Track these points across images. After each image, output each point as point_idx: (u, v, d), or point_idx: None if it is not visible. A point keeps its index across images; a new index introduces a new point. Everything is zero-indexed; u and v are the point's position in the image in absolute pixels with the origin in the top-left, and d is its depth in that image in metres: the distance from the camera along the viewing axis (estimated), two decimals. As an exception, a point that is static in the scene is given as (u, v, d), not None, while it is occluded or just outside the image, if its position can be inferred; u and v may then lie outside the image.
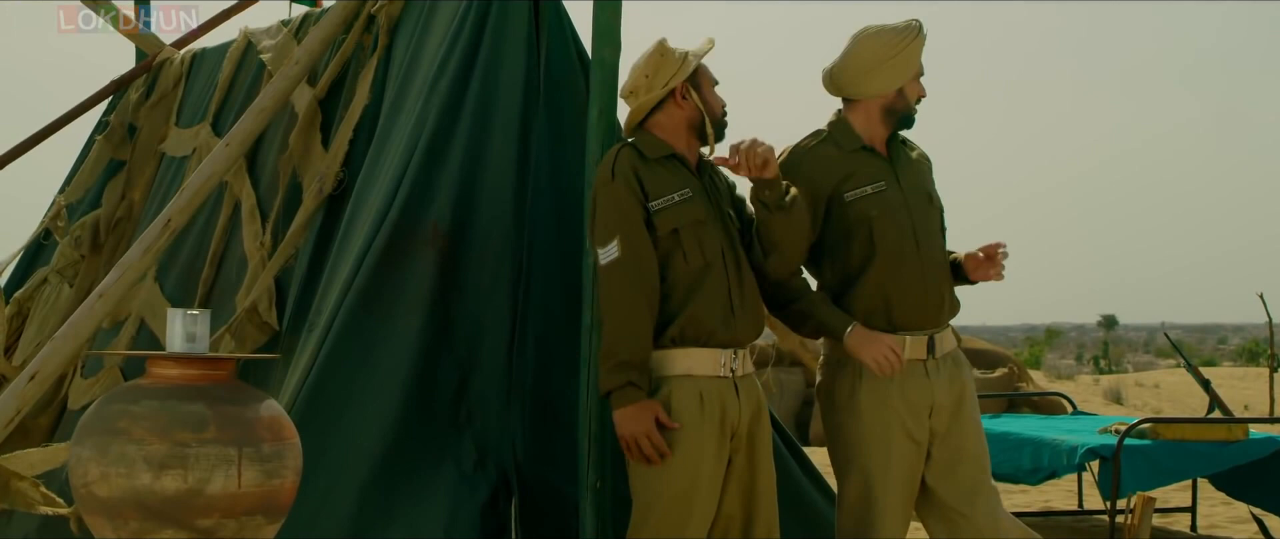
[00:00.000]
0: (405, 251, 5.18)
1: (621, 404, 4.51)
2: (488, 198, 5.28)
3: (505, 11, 5.43)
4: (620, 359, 4.52)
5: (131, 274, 5.56)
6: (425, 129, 5.31)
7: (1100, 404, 23.38)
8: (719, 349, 4.64)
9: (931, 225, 4.94)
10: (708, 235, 4.67)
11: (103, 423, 3.90)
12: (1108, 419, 8.47)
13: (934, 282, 4.89)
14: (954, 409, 4.88)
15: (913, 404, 4.83)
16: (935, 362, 4.87)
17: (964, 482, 4.84)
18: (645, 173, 4.66)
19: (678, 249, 4.63)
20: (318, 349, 5.09)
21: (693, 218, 4.66)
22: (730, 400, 4.64)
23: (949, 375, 4.89)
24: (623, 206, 4.62)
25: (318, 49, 6.04)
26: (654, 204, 4.63)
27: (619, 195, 4.63)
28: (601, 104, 5.06)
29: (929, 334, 4.87)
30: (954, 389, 4.89)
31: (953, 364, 4.92)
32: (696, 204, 4.69)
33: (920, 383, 4.84)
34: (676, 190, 4.67)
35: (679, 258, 4.63)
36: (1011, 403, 14.38)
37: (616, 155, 4.69)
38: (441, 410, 5.12)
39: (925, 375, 4.85)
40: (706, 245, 4.66)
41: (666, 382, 4.61)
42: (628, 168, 4.65)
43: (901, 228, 4.86)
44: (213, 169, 5.76)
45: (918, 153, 5.07)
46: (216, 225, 6.48)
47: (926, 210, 4.94)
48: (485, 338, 5.20)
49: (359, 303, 5.13)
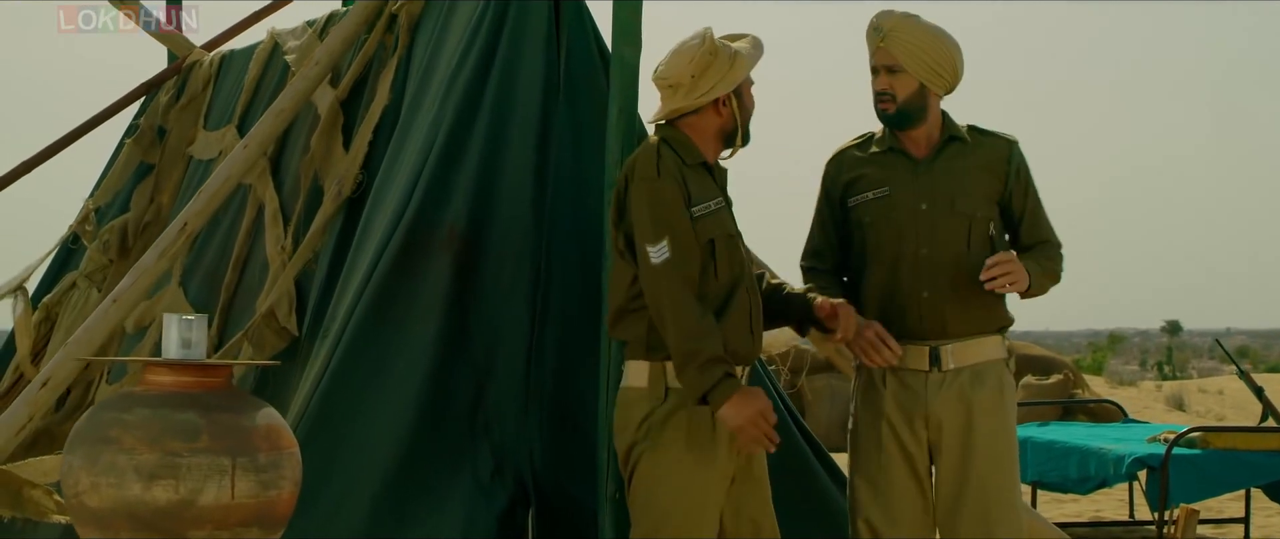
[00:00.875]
0: (420, 255, 5.05)
1: (723, 398, 4.30)
2: (506, 200, 5.13)
3: (525, 8, 5.29)
4: (708, 356, 4.28)
5: (147, 279, 5.46)
6: (441, 129, 5.18)
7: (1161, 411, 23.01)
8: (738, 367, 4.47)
9: (945, 235, 4.70)
10: (735, 251, 4.52)
11: (94, 431, 3.79)
12: (1158, 427, 8.26)
13: (937, 293, 4.68)
14: (963, 427, 4.67)
15: (906, 414, 4.70)
16: (941, 375, 4.68)
17: (968, 513, 4.65)
18: (687, 175, 4.48)
19: (711, 263, 4.45)
20: (329, 356, 4.96)
21: (726, 231, 4.50)
22: None
23: (958, 391, 4.67)
24: (672, 205, 4.40)
25: (338, 49, 5.93)
26: (696, 209, 4.44)
27: (668, 194, 4.41)
28: (622, 103, 4.91)
29: (931, 345, 4.69)
30: (962, 406, 4.67)
31: (970, 380, 4.68)
32: (727, 217, 4.54)
33: (915, 394, 4.69)
34: (712, 198, 4.51)
35: (710, 273, 4.44)
36: (1067, 410, 14.19)
37: (659, 152, 4.48)
38: (457, 418, 4.98)
39: (924, 387, 4.68)
40: (734, 261, 4.50)
41: (677, 393, 4.44)
42: (673, 166, 4.45)
43: (899, 235, 4.71)
44: (230, 171, 5.66)
45: (983, 155, 4.79)
46: (240, 229, 6.38)
47: (942, 219, 4.71)
48: (502, 344, 5.05)
49: (372, 308, 5.00)
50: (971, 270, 4.65)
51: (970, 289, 4.66)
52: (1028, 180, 4.85)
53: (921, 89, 4.72)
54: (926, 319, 4.69)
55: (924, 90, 4.73)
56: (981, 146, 4.81)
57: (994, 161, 4.80)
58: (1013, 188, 4.80)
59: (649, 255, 4.36)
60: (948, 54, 4.72)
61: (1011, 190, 4.80)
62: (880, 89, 4.74)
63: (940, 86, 4.75)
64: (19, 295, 7.25)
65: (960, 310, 4.70)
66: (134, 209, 7.46)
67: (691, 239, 4.39)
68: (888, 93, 4.72)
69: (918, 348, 4.70)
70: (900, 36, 4.69)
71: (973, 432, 4.65)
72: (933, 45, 4.70)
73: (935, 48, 4.71)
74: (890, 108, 4.74)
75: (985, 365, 4.73)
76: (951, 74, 4.75)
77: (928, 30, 4.71)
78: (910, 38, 4.69)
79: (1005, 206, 4.82)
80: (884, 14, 4.74)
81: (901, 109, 4.73)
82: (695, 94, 4.49)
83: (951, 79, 4.77)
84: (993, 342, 4.77)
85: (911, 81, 4.71)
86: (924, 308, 4.68)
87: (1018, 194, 4.82)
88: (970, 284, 4.65)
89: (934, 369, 4.68)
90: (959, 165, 4.77)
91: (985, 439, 4.66)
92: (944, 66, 4.72)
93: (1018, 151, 4.84)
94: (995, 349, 4.77)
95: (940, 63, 4.71)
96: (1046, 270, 4.77)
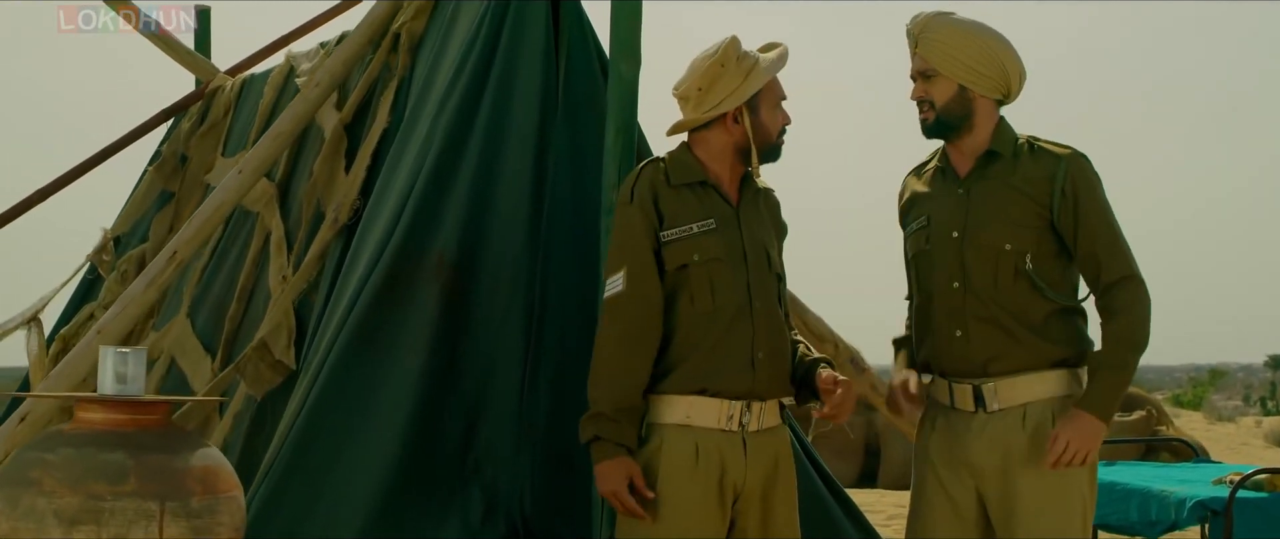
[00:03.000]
0: (407, 285, 4.75)
1: (598, 458, 4.08)
2: (499, 226, 4.82)
3: (521, 19, 4.98)
4: (596, 410, 4.08)
5: (134, 309, 5.21)
6: (432, 150, 4.88)
7: (1259, 449, 22.33)
8: (728, 400, 4.13)
9: (975, 267, 4.20)
10: (725, 276, 4.15)
11: (16, 472, 3.52)
12: (1226, 467, 7.77)
13: (979, 327, 4.19)
14: (1000, 474, 4.17)
15: (951, 459, 4.24)
16: (987, 416, 4.20)
17: None
18: (667, 197, 4.18)
19: (685, 289, 4.14)
20: (308, 390, 4.67)
21: (709, 254, 4.15)
22: (733, 458, 4.13)
23: (999, 435, 4.17)
24: (634, 234, 4.16)
25: (340, 70, 5.66)
26: (666, 233, 4.15)
27: (632, 221, 4.16)
28: (619, 123, 4.61)
29: (974, 383, 4.22)
30: (999, 451, 4.17)
31: (1015, 421, 4.17)
32: (717, 238, 4.17)
33: (957, 438, 4.23)
34: (698, 220, 4.17)
35: (685, 300, 4.13)
36: (1149, 448, 13.69)
37: (639, 174, 4.22)
38: (446, 459, 4.68)
39: (967, 430, 4.21)
40: (721, 288, 4.14)
41: (659, 430, 4.14)
42: (647, 190, 4.18)
43: (932, 265, 4.27)
44: (224, 197, 5.40)
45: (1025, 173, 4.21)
46: (247, 258, 6.13)
47: (970, 250, 4.21)
48: (495, 380, 4.74)
49: (355, 340, 4.70)
50: (1008, 307, 4.18)
51: (1010, 325, 4.18)
52: (1085, 202, 4.18)
53: (962, 93, 4.25)
54: (967, 356, 4.23)
55: (966, 94, 4.25)
56: (1027, 164, 4.26)
57: (1036, 181, 4.23)
58: (1060, 211, 4.20)
59: (606, 285, 4.16)
60: (988, 51, 4.24)
61: (1059, 214, 4.20)
62: (918, 97, 4.31)
63: (986, 88, 4.25)
64: (33, 327, 7.03)
65: (1000, 348, 4.19)
66: (153, 238, 7.25)
67: (651, 269, 4.12)
68: (925, 100, 4.29)
69: (962, 386, 4.25)
70: (931, 36, 4.25)
71: (1013, 480, 4.15)
72: (968, 42, 4.23)
73: (971, 44, 4.23)
74: (929, 116, 4.29)
75: (1036, 405, 4.18)
76: (998, 73, 4.25)
77: (962, 26, 4.24)
78: (941, 36, 4.24)
79: (1058, 229, 4.24)
80: (916, 16, 4.30)
81: (940, 117, 4.27)
82: (703, 108, 4.21)
83: (1000, 79, 4.26)
84: (1049, 378, 4.20)
85: (949, 85, 4.24)
86: (958, 348, 4.23)
87: (1067, 218, 4.20)
88: (1009, 320, 4.18)
89: (979, 410, 4.22)
90: (995, 187, 4.25)
91: (1030, 491, 4.14)
92: (985, 64, 4.23)
93: (1069, 169, 4.21)
94: (1052, 385, 4.20)
95: (980, 61, 4.23)
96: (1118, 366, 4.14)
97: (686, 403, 4.13)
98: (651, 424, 4.16)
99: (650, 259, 4.13)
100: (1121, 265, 4.19)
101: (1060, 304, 4.21)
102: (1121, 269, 4.18)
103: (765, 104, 4.23)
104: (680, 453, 4.10)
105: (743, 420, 4.15)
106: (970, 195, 4.26)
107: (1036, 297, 4.19)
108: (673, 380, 4.13)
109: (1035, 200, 4.21)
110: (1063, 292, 4.24)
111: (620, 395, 4.08)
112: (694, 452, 4.11)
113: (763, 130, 4.23)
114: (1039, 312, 4.19)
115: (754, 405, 4.18)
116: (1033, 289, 4.19)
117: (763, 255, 4.26)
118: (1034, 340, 4.18)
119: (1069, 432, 4.08)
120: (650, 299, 4.12)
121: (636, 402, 4.12)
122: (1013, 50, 4.28)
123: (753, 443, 4.17)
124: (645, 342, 4.11)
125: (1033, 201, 4.21)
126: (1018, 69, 4.29)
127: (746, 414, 4.16)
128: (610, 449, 4.07)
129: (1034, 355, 4.19)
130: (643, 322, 4.11)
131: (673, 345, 4.14)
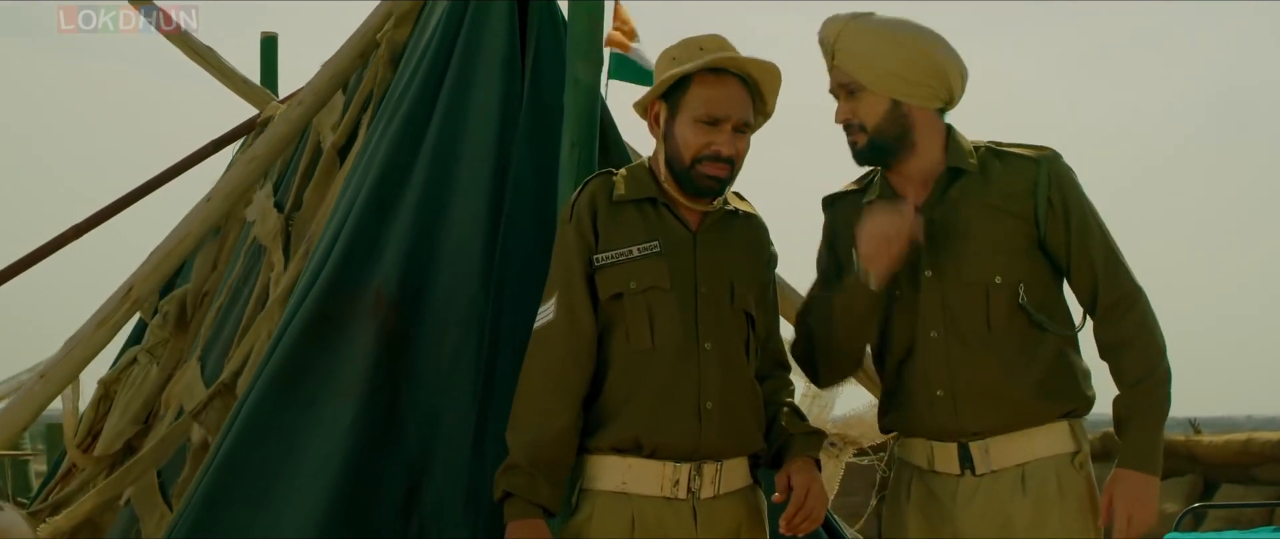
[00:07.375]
0: (338, 325, 4.14)
1: (508, 518, 3.49)
2: (448, 258, 4.19)
3: (481, 20, 4.36)
4: (510, 461, 3.48)
5: (80, 351, 4.76)
6: (371, 171, 4.28)
7: None
8: (673, 462, 3.47)
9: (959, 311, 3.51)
10: (667, 309, 3.51)
11: None
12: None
13: (967, 383, 3.48)
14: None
15: (933, 531, 3.51)
16: (976, 480, 3.48)
17: None
18: (607, 215, 3.58)
19: (619, 323, 3.52)
20: (216, 448, 4.10)
21: (648, 282, 3.51)
22: (678, 530, 3.46)
23: (994, 502, 3.46)
24: (568, 256, 3.58)
25: (325, 88, 5.15)
26: (600, 256, 3.54)
27: (567, 241, 3.59)
28: (575, 136, 3.97)
29: (959, 441, 3.49)
30: (997, 521, 3.44)
31: (1012, 485, 3.46)
32: (660, 264, 3.53)
33: (941, 509, 3.51)
34: (640, 242, 3.54)
35: (619, 336, 3.52)
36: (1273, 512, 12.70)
37: (583, 188, 3.64)
38: (384, 522, 4.05)
39: (953, 499, 3.49)
40: (661, 323, 3.50)
41: (590, 498, 3.52)
42: (586, 206, 3.59)
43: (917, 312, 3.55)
44: (189, 228, 4.96)
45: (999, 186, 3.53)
46: (252, 297, 5.62)
47: (950, 291, 3.51)
48: (441, 432, 4.09)
49: (276, 385, 4.10)
50: (1002, 352, 3.48)
51: (1004, 375, 3.48)
52: (1075, 210, 3.54)
53: (895, 109, 3.54)
54: (949, 420, 3.52)
55: (900, 110, 3.54)
56: (998, 176, 3.55)
57: (1015, 195, 3.53)
58: (1048, 225, 3.52)
59: (537, 315, 3.57)
60: (921, 54, 3.52)
61: (1047, 229, 3.52)
62: (843, 120, 3.60)
63: (923, 98, 3.53)
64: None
65: (993, 404, 3.49)
66: (195, 277, 6.80)
67: (583, 297, 3.53)
68: (853, 122, 3.58)
69: (945, 446, 3.53)
70: (849, 46, 3.54)
71: None
72: (894, 48, 3.50)
73: (898, 50, 3.50)
74: (860, 140, 3.58)
75: (1038, 465, 3.48)
76: (935, 79, 3.53)
77: (886, 28, 3.52)
78: (862, 45, 3.52)
79: (1047, 248, 3.55)
80: (829, 21, 3.57)
81: (874, 140, 3.57)
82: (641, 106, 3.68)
83: (938, 86, 3.54)
84: (1050, 432, 3.51)
85: (878, 101, 3.54)
86: (940, 410, 3.52)
87: (1057, 232, 3.53)
88: (1002, 368, 3.48)
89: (966, 472, 3.50)
90: (966, 209, 3.53)
91: None
92: (918, 71, 3.51)
93: (1050, 173, 3.53)
94: (1054, 441, 3.51)
95: (911, 68, 3.51)
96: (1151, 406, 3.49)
97: (622, 466, 3.50)
98: (583, 490, 3.56)
99: (582, 285, 3.55)
100: (1122, 281, 3.53)
101: (1060, 340, 3.51)
102: (1122, 285, 3.53)
103: (685, 114, 3.56)
104: (612, 526, 3.48)
105: (692, 486, 3.49)
106: (938, 224, 3.51)
107: (1035, 334, 3.49)
108: (606, 435, 3.52)
109: (1020, 217, 3.51)
110: (1061, 321, 3.54)
111: (538, 444, 3.49)
112: (629, 524, 3.48)
113: (671, 144, 3.58)
114: (1038, 353, 3.49)
115: (706, 467, 3.50)
116: (1031, 325, 3.48)
117: (724, 288, 3.58)
118: (1033, 389, 3.47)
119: (1126, 502, 3.41)
120: (580, 331, 3.53)
121: (559, 454, 3.51)
122: (947, 47, 3.55)
123: (706, 512, 3.51)
124: (569, 380, 3.51)
125: (1017, 219, 3.52)
126: (957, 68, 3.56)
127: (696, 478, 3.50)
128: (521, 508, 3.49)
129: (1033, 407, 3.48)
130: (567, 357, 3.51)
131: (606, 391, 3.53)
